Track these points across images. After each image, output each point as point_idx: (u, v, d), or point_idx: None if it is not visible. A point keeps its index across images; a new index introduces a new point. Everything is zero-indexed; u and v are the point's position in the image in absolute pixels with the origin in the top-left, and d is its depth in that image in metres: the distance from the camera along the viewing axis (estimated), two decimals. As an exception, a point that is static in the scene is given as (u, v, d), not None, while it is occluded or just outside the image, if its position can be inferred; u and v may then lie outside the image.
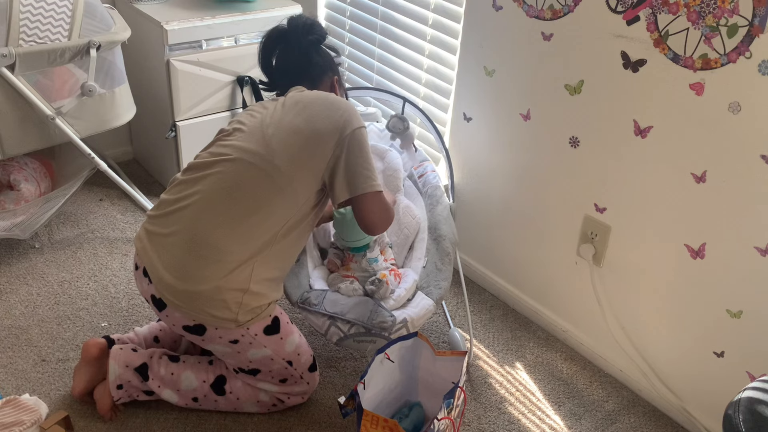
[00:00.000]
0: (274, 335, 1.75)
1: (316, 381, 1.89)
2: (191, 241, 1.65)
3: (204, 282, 1.63)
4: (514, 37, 2.06)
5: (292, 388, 1.85)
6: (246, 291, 1.66)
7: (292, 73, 1.94)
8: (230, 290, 1.64)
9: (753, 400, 1.22)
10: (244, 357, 1.76)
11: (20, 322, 2.13)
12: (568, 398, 2.03)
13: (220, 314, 1.65)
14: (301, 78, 1.93)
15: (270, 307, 1.73)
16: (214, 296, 1.63)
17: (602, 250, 2.01)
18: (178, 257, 1.65)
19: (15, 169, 2.43)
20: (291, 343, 1.79)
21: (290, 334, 1.80)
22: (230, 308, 1.65)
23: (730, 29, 1.56)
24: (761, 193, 1.61)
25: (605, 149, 1.92)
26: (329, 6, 2.85)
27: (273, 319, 1.75)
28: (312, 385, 1.88)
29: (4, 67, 2.08)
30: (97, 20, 2.26)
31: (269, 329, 1.74)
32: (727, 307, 1.76)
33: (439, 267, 1.98)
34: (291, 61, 1.95)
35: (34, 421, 1.71)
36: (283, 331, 1.77)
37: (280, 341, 1.76)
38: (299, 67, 1.94)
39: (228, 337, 1.70)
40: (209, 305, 1.64)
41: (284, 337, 1.77)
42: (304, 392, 1.87)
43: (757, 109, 1.57)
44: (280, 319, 1.77)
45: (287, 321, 1.81)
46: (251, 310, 1.68)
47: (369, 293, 1.90)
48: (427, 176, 2.24)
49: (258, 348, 1.74)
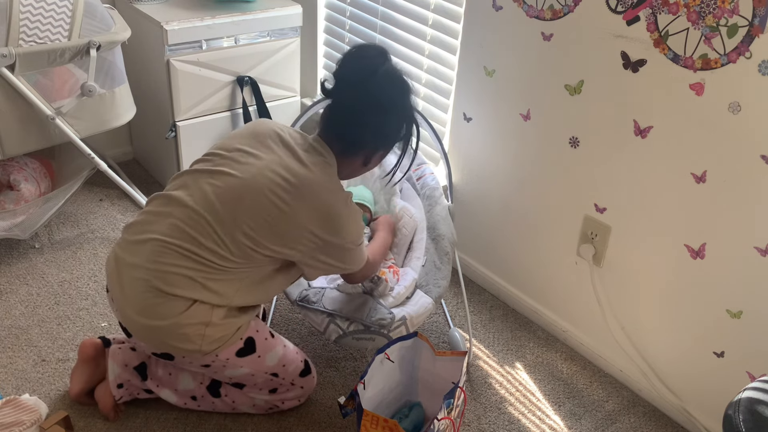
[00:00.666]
0: (249, 356, 1.69)
1: (311, 384, 1.87)
2: (150, 280, 1.56)
3: (163, 318, 1.57)
4: (514, 37, 2.06)
5: (285, 395, 1.84)
6: (208, 324, 1.58)
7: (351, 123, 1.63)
8: (190, 325, 1.57)
9: (753, 400, 1.22)
10: (222, 376, 1.74)
11: (20, 322, 2.13)
12: (568, 398, 2.03)
13: (183, 346, 1.60)
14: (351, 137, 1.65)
15: (239, 331, 1.66)
16: (174, 331, 1.57)
17: (602, 250, 2.01)
18: (138, 293, 1.58)
19: (15, 169, 2.43)
20: (273, 358, 1.74)
21: (270, 349, 1.73)
22: (192, 341, 1.59)
23: (730, 29, 1.56)
24: (761, 193, 1.61)
25: (605, 149, 1.92)
26: (329, 6, 2.85)
27: (246, 341, 1.68)
28: (307, 388, 1.86)
29: (4, 67, 2.08)
30: (97, 20, 2.26)
31: (242, 351, 1.68)
32: (727, 307, 1.76)
33: (438, 266, 1.98)
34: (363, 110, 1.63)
35: (34, 421, 1.71)
36: (260, 349, 1.71)
37: (257, 359, 1.71)
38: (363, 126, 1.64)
39: (198, 362, 1.67)
40: (170, 339, 1.59)
41: (263, 355, 1.72)
42: (299, 396, 1.86)
43: (757, 109, 1.57)
44: (255, 338, 1.70)
45: (266, 337, 1.74)
46: (216, 340, 1.61)
47: (368, 291, 1.90)
48: (426, 178, 2.25)
49: (234, 368, 1.70)
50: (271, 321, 2.19)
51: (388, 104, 1.63)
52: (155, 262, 1.56)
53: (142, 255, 1.58)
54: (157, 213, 1.62)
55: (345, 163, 1.69)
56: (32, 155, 2.50)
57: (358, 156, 1.68)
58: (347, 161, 1.69)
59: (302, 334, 2.16)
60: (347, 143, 1.66)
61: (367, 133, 1.64)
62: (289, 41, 2.73)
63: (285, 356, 1.78)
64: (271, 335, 1.77)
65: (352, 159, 1.69)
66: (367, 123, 1.62)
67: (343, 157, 1.67)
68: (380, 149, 1.70)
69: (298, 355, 1.83)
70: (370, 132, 1.64)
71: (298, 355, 1.83)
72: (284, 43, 2.71)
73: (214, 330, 1.60)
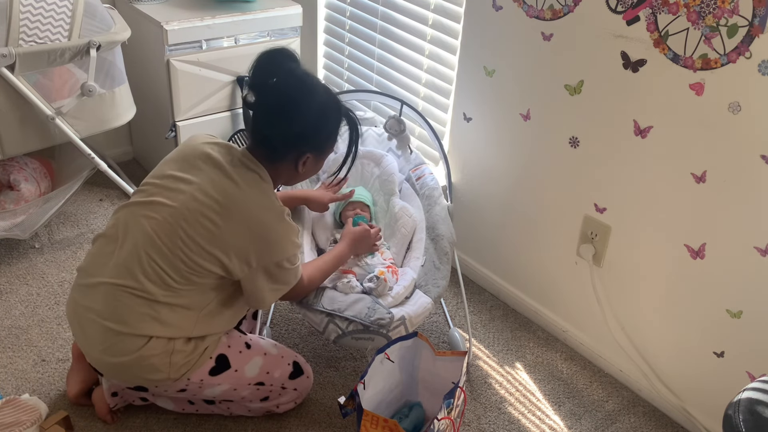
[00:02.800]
0: (224, 372, 1.68)
1: (305, 384, 1.84)
2: (105, 322, 1.58)
3: (126, 354, 1.58)
4: (514, 37, 2.06)
5: (278, 400, 1.82)
6: (172, 352, 1.59)
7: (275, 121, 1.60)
8: (154, 356, 1.58)
9: (753, 401, 1.22)
10: (202, 396, 1.73)
11: (20, 322, 2.13)
12: (568, 398, 2.03)
13: (152, 377, 1.61)
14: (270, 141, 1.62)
15: (207, 351, 1.65)
16: (140, 363, 1.58)
17: (602, 250, 2.01)
18: (98, 334, 1.60)
19: (15, 169, 2.43)
20: (252, 368, 1.72)
21: (247, 361, 1.72)
22: (160, 370, 1.59)
23: (730, 29, 1.56)
24: (761, 193, 1.61)
25: (605, 149, 1.92)
26: (329, 6, 2.85)
27: (217, 359, 1.67)
28: (301, 389, 1.84)
29: (4, 67, 2.08)
30: (97, 20, 2.26)
31: (215, 370, 1.67)
32: (727, 307, 1.76)
33: (437, 266, 1.98)
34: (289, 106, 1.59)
35: (34, 421, 1.71)
36: (235, 363, 1.69)
37: (235, 374, 1.69)
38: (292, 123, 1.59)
39: (172, 388, 1.67)
40: (138, 371, 1.60)
41: (240, 368, 1.70)
42: (294, 399, 1.84)
43: (757, 109, 1.57)
44: (227, 354, 1.69)
45: (240, 350, 1.72)
46: (183, 365, 1.62)
47: (367, 291, 1.90)
48: (425, 179, 2.25)
49: (211, 387, 1.69)
50: (271, 320, 2.19)
51: (291, 104, 1.59)
52: (107, 305, 1.58)
53: (95, 299, 1.60)
54: (102, 254, 1.63)
55: (276, 171, 1.66)
56: (32, 155, 2.50)
57: (285, 161, 1.65)
58: (277, 169, 1.66)
59: (302, 334, 2.16)
60: (269, 149, 1.63)
61: (283, 134, 1.60)
62: (289, 41, 2.73)
63: (267, 364, 1.75)
64: (246, 346, 1.74)
65: (280, 165, 1.65)
66: (278, 124, 1.59)
67: (271, 164, 1.64)
68: (306, 150, 1.64)
69: (285, 359, 1.80)
70: (285, 133, 1.60)
71: (284, 359, 1.80)
72: (284, 43, 2.71)
73: (179, 356, 1.60)
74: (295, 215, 2.13)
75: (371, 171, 2.33)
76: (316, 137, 1.65)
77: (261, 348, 1.78)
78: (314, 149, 1.66)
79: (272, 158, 1.64)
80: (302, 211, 2.18)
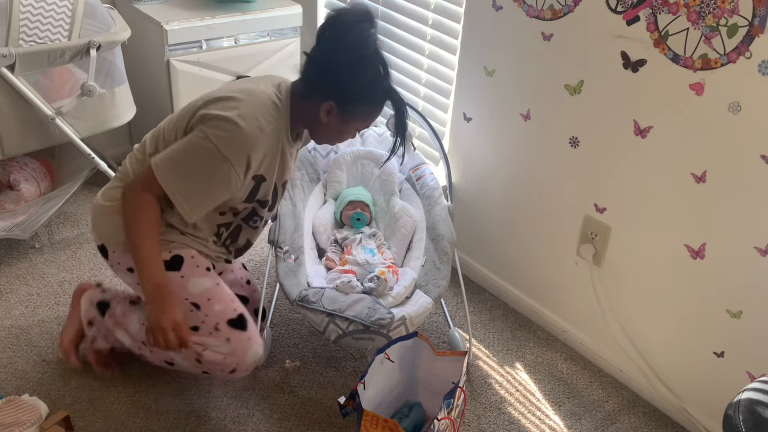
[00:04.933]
0: (171, 272, 1.67)
1: (242, 341, 1.71)
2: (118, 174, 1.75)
3: (112, 200, 1.68)
4: (514, 37, 2.06)
5: (207, 340, 1.70)
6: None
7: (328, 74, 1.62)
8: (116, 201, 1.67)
9: (753, 401, 1.22)
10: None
11: (20, 322, 2.13)
12: (568, 398, 2.03)
13: (105, 228, 1.70)
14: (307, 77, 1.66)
15: (170, 245, 1.67)
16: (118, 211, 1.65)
17: (602, 250, 2.01)
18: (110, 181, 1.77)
19: (15, 169, 2.43)
20: (197, 286, 1.69)
21: (197, 276, 1.70)
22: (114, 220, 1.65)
23: (730, 29, 1.56)
24: (761, 193, 1.61)
25: (605, 149, 1.92)
26: (329, 6, 2.85)
27: (173, 257, 1.68)
28: (236, 344, 1.70)
29: (4, 67, 2.08)
30: (97, 20, 2.26)
31: (166, 265, 1.65)
32: (727, 307, 1.76)
33: (437, 266, 1.98)
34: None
35: (34, 421, 1.71)
36: (186, 270, 1.69)
37: (180, 279, 1.68)
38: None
39: (125, 263, 1.70)
40: (111, 220, 1.67)
41: (186, 276, 1.68)
42: (226, 354, 1.71)
43: (757, 109, 1.57)
44: (184, 257, 1.69)
45: (198, 265, 1.71)
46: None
47: (367, 291, 1.90)
48: (425, 179, 2.25)
49: None
50: (271, 320, 2.19)
51: (334, 40, 1.59)
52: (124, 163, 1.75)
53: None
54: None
55: (301, 109, 1.67)
56: (32, 155, 2.50)
57: (311, 101, 1.64)
58: (302, 107, 1.67)
59: (302, 334, 2.16)
60: (305, 84, 1.66)
61: (314, 64, 1.63)
62: (288, 41, 2.73)
63: (213, 292, 1.71)
64: (207, 270, 1.73)
65: (306, 103, 1.66)
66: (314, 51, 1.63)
67: (299, 99, 1.67)
68: (330, 97, 1.62)
69: (233, 304, 1.74)
70: (315, 64, 1.63)
71: (232, 304, 1.74)
72: (284, 43, 2.71)
73: None
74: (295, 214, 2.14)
75: (371, 171, 2.34)
76: (343, 84, 1.61)
77: (219, 281, 1.75)
78: (338, 99, 1.62)
79: (302, 92, 1.66)
80: (302, 210, 2.18)
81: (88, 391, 1.91)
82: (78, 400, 1.88)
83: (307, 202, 2.24)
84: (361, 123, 1.72)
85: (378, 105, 1.69)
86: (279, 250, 1.97)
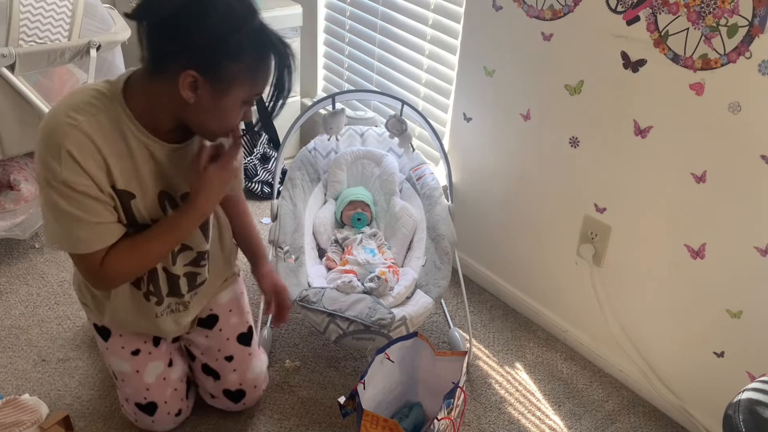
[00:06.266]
0: (100, 338, 1.71)
1: (149, 426, 1.75)
2: None
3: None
4: (514, 37, 2.06)
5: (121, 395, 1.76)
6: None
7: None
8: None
9: (753, 401, 1.22)
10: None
11: (20, 322, 2.13)
12: (568, 398, 2.03)
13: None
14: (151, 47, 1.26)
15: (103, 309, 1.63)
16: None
17: (602, 250, 2.01)
18: None
19: (15, 169, 2.43)
20: (116, 364, 1.70)
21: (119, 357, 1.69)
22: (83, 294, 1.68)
23: (730, 29, 1.56)
24: (761, 193, 1.61)
25: (605, 149, 1.92)
26: (329, 6, 2.85)
27: (103, 326, 1.69)
28: (142, 423, 1.75)
29: (4, 67, 2.08)
30: (97, 20, 2.26)
31: (97, 328, 1.70)
32: (727, 307, 1.76)
33: (438, 266, 1.98)
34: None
35: (34, 421, 1.71)
36: (110, 344, 1.69)
37: (105, 348, 1.71)
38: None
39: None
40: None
41: (110, 350, 1.70)
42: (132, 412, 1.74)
43: (757, 109, 1.57)
44: (112, 333, 1.68)
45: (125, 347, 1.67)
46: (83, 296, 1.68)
47: (368, 291, 1.90)
48: (426, 178, 2.25)
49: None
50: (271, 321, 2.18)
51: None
52: None
53: None
54: None
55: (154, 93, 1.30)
56: (32, 155, 2.50)
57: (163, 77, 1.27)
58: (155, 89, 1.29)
59: (302, 334, 2.16)
60: (149, 61, 1.28)
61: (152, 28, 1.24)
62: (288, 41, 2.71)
63: (129, 377, 1.70)
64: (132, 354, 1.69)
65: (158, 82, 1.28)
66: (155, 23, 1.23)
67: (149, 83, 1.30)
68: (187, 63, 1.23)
69: (147, 392, 1.70)
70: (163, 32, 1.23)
71: (146, 392, 1.70)
72: (284, 43, 2.71)
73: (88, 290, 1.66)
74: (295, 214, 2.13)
75: (372, 171, 2.34)
76: (193, 40, 1.21)
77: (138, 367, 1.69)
78: (197, 63, 1.23)
79: (149, 73, 1.29)
80: (302, 210, 2.18)
81: (88, 391, 1.91)
82: (78, 400, 1.88)
83: (308, 202, 2.24)
84: (244, 89, 1.30)
85: (253, 56, 1.28)
86: (279, 250, 1.97)
